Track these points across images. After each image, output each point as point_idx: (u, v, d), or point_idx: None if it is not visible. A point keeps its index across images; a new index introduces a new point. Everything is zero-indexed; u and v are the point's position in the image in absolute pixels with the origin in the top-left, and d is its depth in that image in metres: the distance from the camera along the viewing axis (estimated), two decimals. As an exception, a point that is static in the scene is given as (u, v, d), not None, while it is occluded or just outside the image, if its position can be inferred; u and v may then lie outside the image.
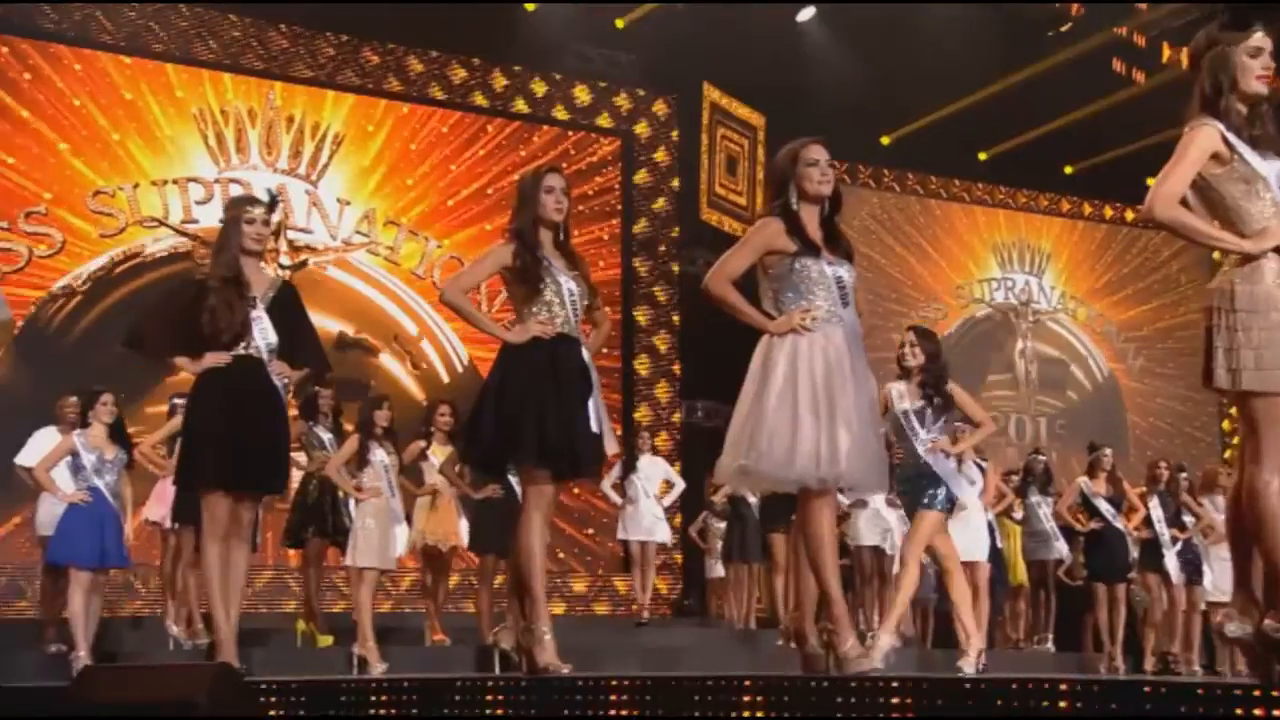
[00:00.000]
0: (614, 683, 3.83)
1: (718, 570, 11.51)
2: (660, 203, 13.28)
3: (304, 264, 11.91)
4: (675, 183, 13.34)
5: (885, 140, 14.15)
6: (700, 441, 12.70)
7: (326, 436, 7.73)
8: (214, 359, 4.53)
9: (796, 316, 3.91)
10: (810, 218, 4.06)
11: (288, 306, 4.72)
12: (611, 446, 4.34)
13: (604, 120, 13.29)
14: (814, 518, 3.85)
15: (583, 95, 13.18)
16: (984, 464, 8.47)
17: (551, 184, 4.33)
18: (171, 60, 11.52)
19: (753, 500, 10.48)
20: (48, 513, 7.51)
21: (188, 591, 7.69)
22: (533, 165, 4.43)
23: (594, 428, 4.21)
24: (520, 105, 12.92)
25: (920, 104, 13.66)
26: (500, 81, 12.85)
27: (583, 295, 4.34)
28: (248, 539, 4.64)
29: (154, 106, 11.42)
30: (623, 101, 13.34)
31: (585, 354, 4.33)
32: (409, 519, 7.58)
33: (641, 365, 12.99)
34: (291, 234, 11.88)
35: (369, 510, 6.95)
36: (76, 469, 6.76)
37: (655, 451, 9.69)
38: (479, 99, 12.77)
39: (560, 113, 13.10)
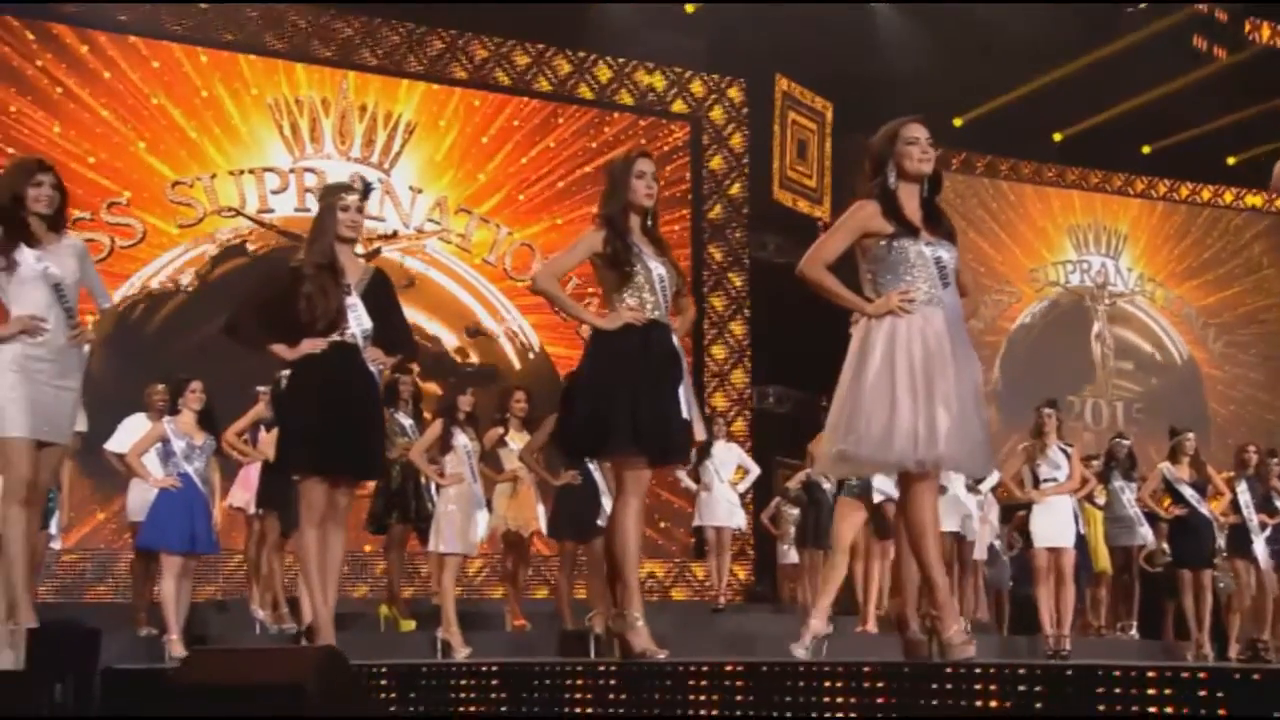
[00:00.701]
0: (703, 669, 3.82)
1: (791, 556, 11.44)
2: (736, 189, 13.20)
3: (377, 252, 11.99)
4: (746, 168, 13.25)
5: (957, 122, 13.94)
6: (772, 427, 12.66)
7: (407, 423, 7.78)
8: (310, 346, 4.55)
9: (894, 299, 3.84)
10: (909, 198, 3.99)
11: (381, 293, 4.73)
12: (700, 432, 4.30)
13: (674, 106, 13.24)
14: (915, 502, 3.79)
15: (653, 81, 13.14)
16: (1069, 449, 8.33)
17: (642, 169, 4.30)
18: (245, 51, 11.65)
19: (827, 485, 10.43)
20: (138, 498, 7.64)
21: (273, 576, 7.78)
22: (623, 150, 4.37)
23: (684, 413, 4.18)
24: (587, 92, 12.90)
25: (992, 85, 13.45)
26: (565, 68, 12.83)
27: (672, 281, 4.30)
28: (344, 524, 4.67)
29: (230, 98, 11.55)
30: (694, 87, 13.28)
31: (675, 340, 4.29)
32: (489, 505, 7.61)
33: (718, 351, 12.95)
34: (366, 222, 11.96)
35: (452, 496, 6.98)
36: (167, 455, 6.85)
37: (730, 437, 9.63)
38: (545, 85, 12.77)
39: (628, 98, 13.07)
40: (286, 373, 7.91)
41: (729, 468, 9.47)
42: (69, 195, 4.60)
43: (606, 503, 7.29)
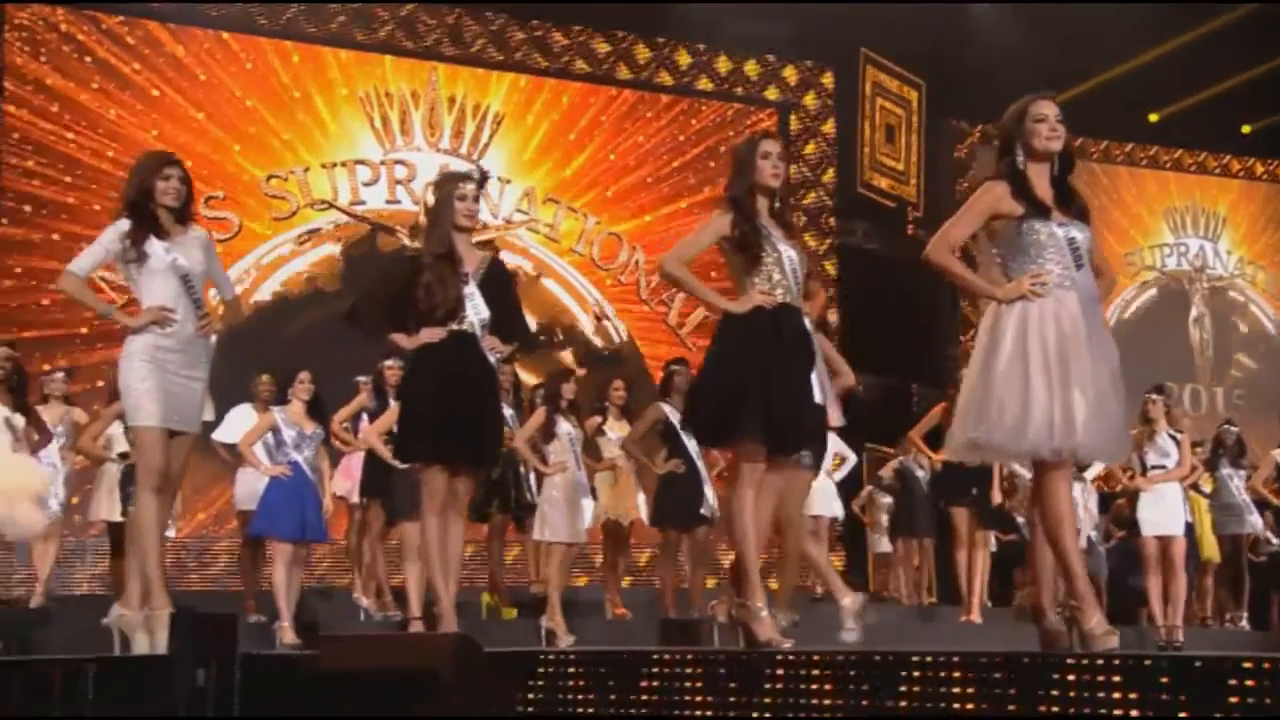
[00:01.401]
0: (817, 658, 3.77)
1: (882, 545, 11.34)
2: (829, 174, 13.07)
3: (488, 243, 12.08)
4: (834, 154, 13.13)
5: (1050, 104, 13.62)
6: (862, 414, 12.49)
7: (508, 412, 7.77)
8: (429, 335, 4.58)
9: (1026, 283, 3.74)
10: (1039, 177, 3.89)
11: (498, 282, 4.75)
12: (835, 418, 4.24)
13: (762, 93, 13.16)
14: (1052, 491, 3.70)
15: (740, 69, 13.07)
16: (1178, 436, 8.14)
17: (768, 149, 4.25)
18: (335, 45, 11.77)
19: (921, 474, 10.30)
20: (246, 487, 7.75)
21: (376, 564, 7.85)
22: (749, 133, 4.32)
23: (817, 398, 4.12)
24: (669, 79, 12.87)
25: (1085, 66, 13.14)
26: (647, 56, 12.79)
27: (802, 263, 4.25)
28: (463, 512, 4.69)
29: (322, 92, 11.69)
30: (782, 74, 13.18)
31: (806, 323, 4.24)
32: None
33: (813, 338, 12.85)
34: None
35: (557, 484, 7.00)
36: (277, 444, 6.94)
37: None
38: (628, 73, 12.74)
39: (710, 85, 13.00)
40: (389, 363, 8.06)
41: (826, 456, 9.35)
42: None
43: (709, 491, 7.27)
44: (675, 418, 7.23)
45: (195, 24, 11.24)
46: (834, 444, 9.47)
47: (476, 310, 4.62)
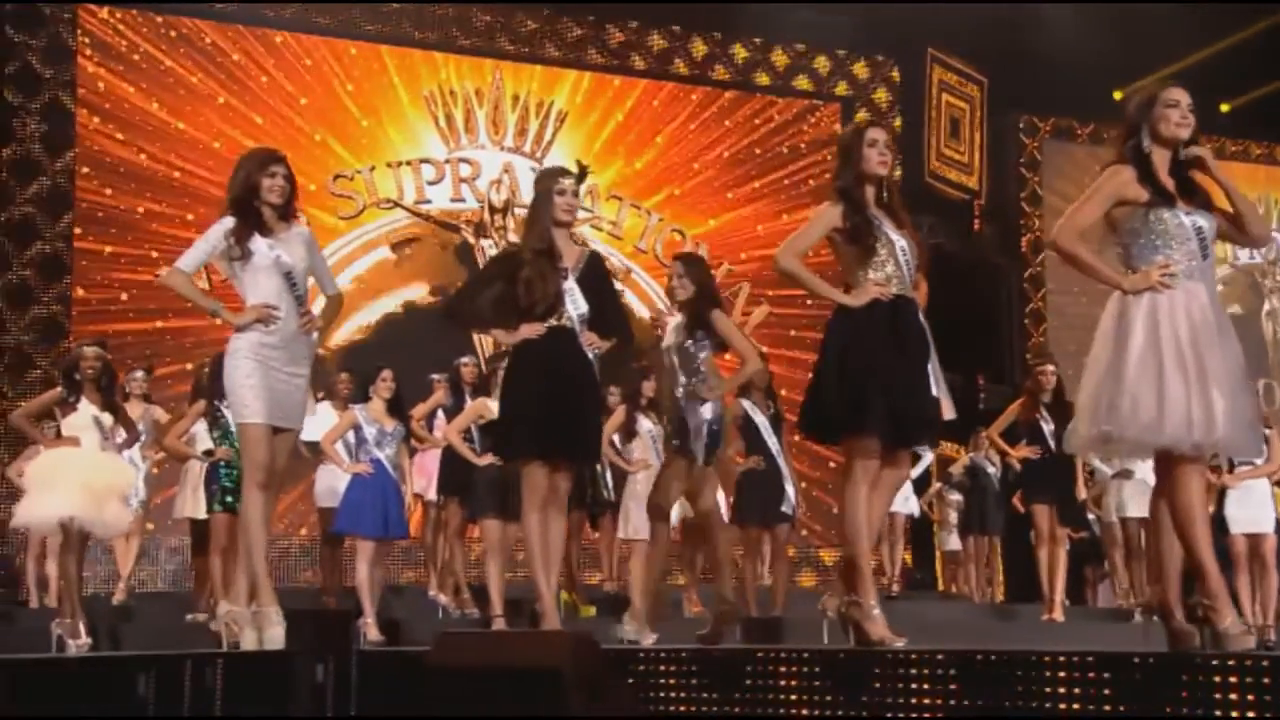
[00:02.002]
0: (914, 656, 3.71)
1: (951, 543, 11.21)
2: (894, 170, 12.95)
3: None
4: (899, 149, 13.01)
5: (1118, 95, 13.43)
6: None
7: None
8: (529, 330, 4.56)
9: (1155, 273, 3.65)
10: (1162, 164, 3.79)
11: (597, 277, 4.72)
12: (949, 411, 4.16)
13: (825, 89, 13.07)
14: (1184, 486, 3.61)
15: (803, 63, 12.99)
16: (1267, 431, 7.96)
17: (874, 137, 4.18)
18: (400, 44, 11.81)
19: (992, 471, 10.17)
20: (326, 485, 7.79)
21: (454, 561, 7.86)
22: (854, 122, 4.27)
23: (934, 391, 4.05)
24: (731, 75, 12.80)
25: (1153, 57, 12.91)
26: (704, 51, 12.73)
27: (913, 253, 4.18)
28: (564, 508, 4.67)
29: (387, 91, 11.75)
30: (844, 69, 13.08)
31: (920, 315, 4.16)
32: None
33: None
34: (519, 211, 12.06)
35: (639, 481, 6.97)
36: (359, 442, 6.97)
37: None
38: (689, 69, 12.69)
39: (775, 81, 12.94)
40: (465, 360, 8.07)
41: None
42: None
43: (790, 488, 7.21)
44: (755, 414, 7.18)
45: (255, 24, 11.32)
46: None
47: (575, 305, 4.59)
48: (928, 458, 9.47)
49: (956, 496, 10.95)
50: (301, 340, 4.57)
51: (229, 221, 4.58)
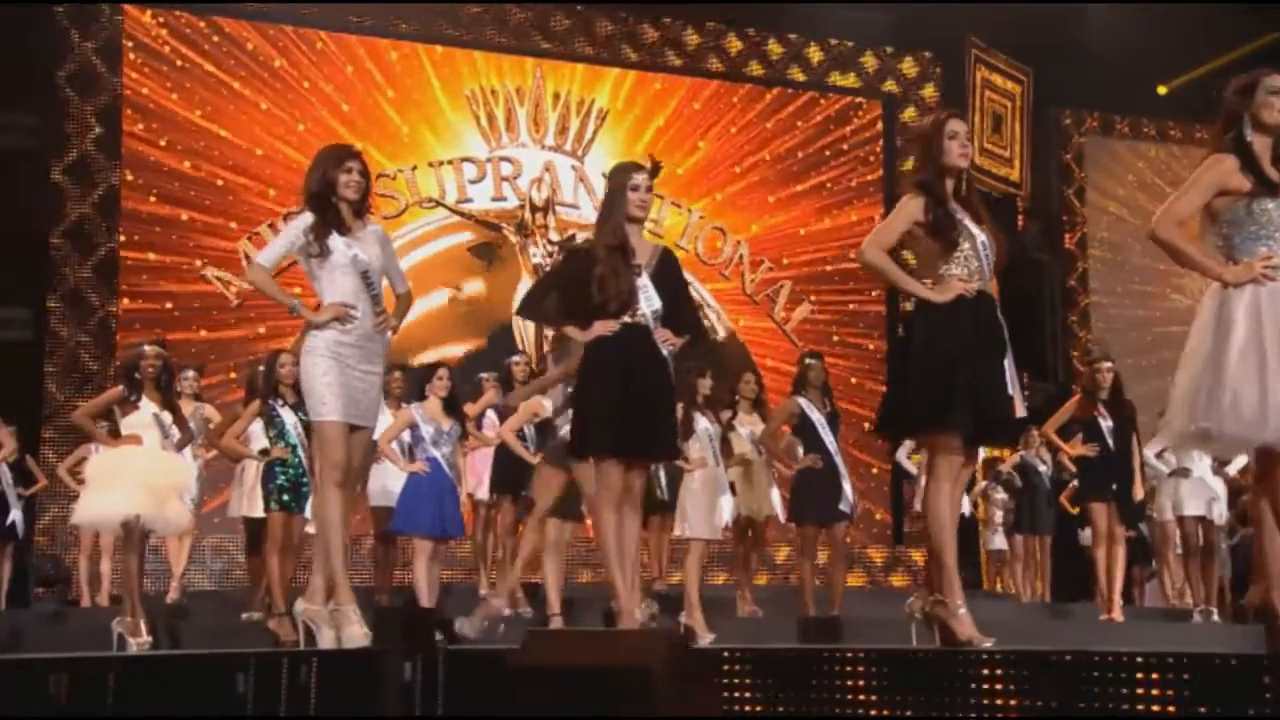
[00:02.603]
0: (994, 656, 3.67)
1: (996, 542, 11.14)
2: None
3: (572, 239, 12.07)
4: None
5: (1162, 90, 13.34)
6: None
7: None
8: (602, 327, 4.53)
9: (1258, 265, 3.60)
10: (1264, 152, 3.73)
11: (670, 273, 4.69)
12: (1021, 409, 4.12)
13: (866, 84, 13.02)
14: (1287, 481, 3.55)
15: (845, 59, 12.94)
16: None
17: (955, 129, 4.14)
18: (439, 44, 11.83)
19: (1043, 469, 10.10)
20: (378, 484, 7.80)
21: (508, 561, 7.84)
22: (933, 115, 4.20)
23: (1009, 389, 4.02)
24: (760, 69, 12.76)
25: (1199, 49, 12.80)
26: (739, 47, 12.68)
27: (992, 248, 4.14)
28: (639, 506, 4.65)
29: (428, 90, 11.76)
30: (882, 64, 13.03)
31: (998, 313, 4.13)
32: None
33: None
34: (560, 209, 12.07)
35: (696, 480, 6.94)
36: (415, 441, 6.97)
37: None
38: (726, 66, 12.65)
39: (816, 79, 12.89)
40: (516, 359, 8.07)
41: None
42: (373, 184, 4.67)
43: (848, 486, 7.17)
44: (812, 412, 7.15)
45: (292, 23, 11.36)
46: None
47: (649, 302, 4.57)
48: (980, 453, 9.36)
49: (1002, 495, 10.88)
50: (377, 339, 4.56)
51: (308, 217, 4.58)
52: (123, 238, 10.56)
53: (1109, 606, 7.70)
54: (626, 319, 4.55)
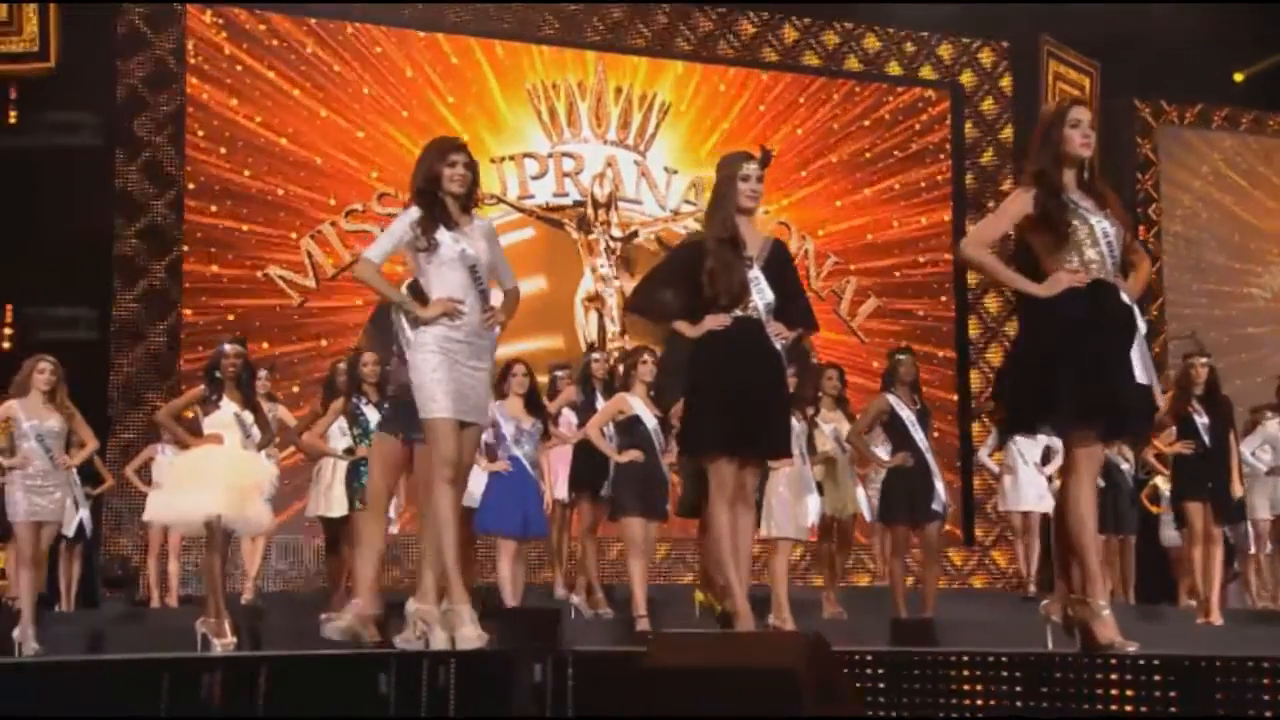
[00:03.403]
0: (1139, 662, 3.59)
1: (1073, 542, 11.01)
2: (987, 155, 12.76)
3: (634, 235, 12.04)
4: (1006, 134, 12.81)
5: (1238, 78, 13.13)
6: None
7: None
8: (713, 322, 4.49)
9: None
10: None
11: (782, 265, 4.64)
12: (1159, 398, 4.03)
13: (931, 74, 12.90)
14: None
15: (909, 50, 12.84)
16: None
17: (1078, 117, 4.06)
18: (499, 39, 11.82)
19: (1126, 467, 9.95)
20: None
21: (586, 560, 7.81)
22: (1055, 102, 4.13)
23: (1140, 378, 3.92)
24: (814, 59, 12.67)
25: (1268, 40, 12.60)
26: (794, 36, 12.59)
27: (1118, 236, 4.05)
28: (753, 504, 4.60)
29: (488, 86, 11.76)
30: (951, 53, 12.90)
31: (1126, 298, 4.04)
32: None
33: (972, 327, 12.56)
34: (622, 205, 12.03)
35: (782, 478, 6.88)
36: (497, 440, 6.95)
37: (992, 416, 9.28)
38: (773, 55, 12.56)
39: (868, 68, 12.80)
40: (595, 355, 8.03)
41: (1035, 448, 9.11)
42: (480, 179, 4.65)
43: (940, 485, 7.08)
44: (901, 409, 7.07)
45: (355, 19, 11.39)
46: (1045, 437, 9.23)
47: (762, 295, 4.52)
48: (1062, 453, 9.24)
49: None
50: (485, 334, 4.54)
51: (415, 212, 4.57)
52: (185, 248, 10.62)
53: (1206, 609, 7.57)
54: (738, 312, 4.50)
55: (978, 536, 12.04)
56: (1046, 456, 9.07)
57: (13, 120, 10.13)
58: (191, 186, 10.72)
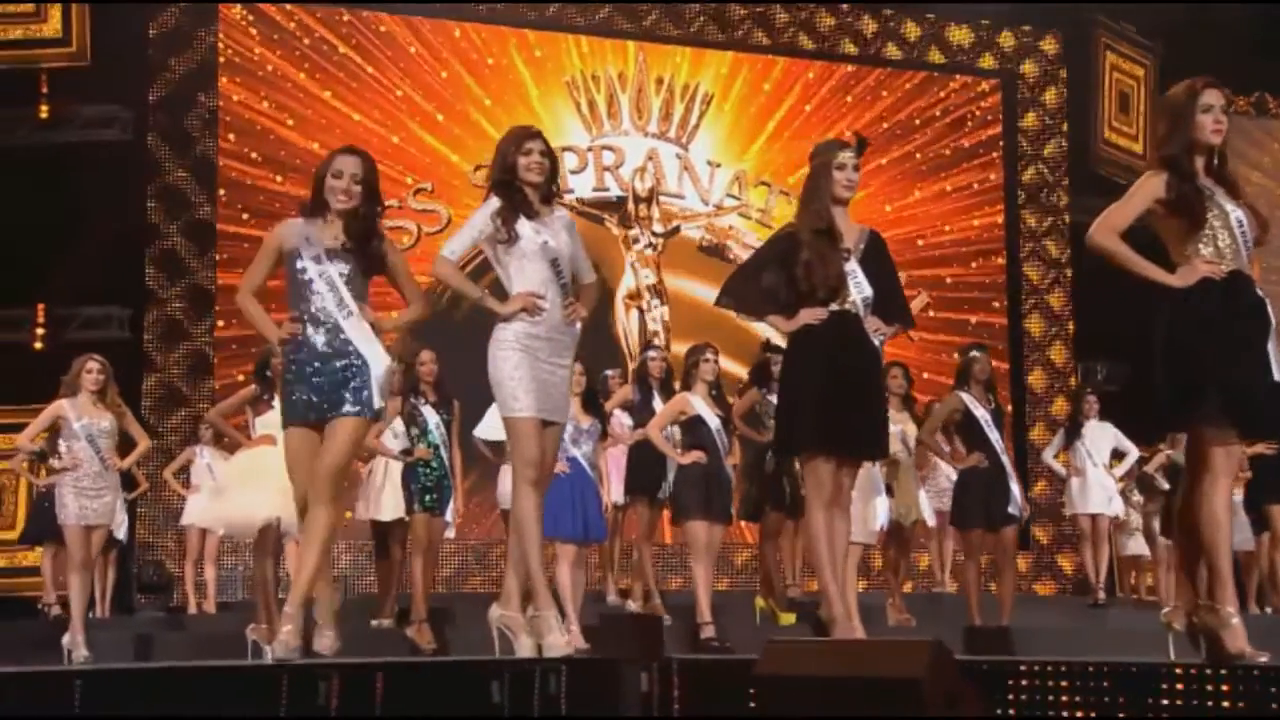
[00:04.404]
0: (1270, 674, 3.49)
1: (1132, 546, 10.86)
2: (1050, 148, 12.63)
3: (676, 230, 11.96)
4: (1064, 125, 12.70)
5: (1300, 66, 12.97)
6: (1101, 406, 12.05)
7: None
8: (809, 316, 4.40)
9: None
10: None
11: (879, 257, 4.55)
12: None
13: (984, 62, 12.79)
14: None
15: (960, 37, 12.72)
16: None
17: (1209, 101, 3.95)
18: (539, 28, 11.76)
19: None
20: (508, 486, 7.69)
21: (644, 565, 7.72)
22: (1184, 82, 4.01)
23: (1277, 375, 3.81)
24: (850, 48, 12.56)
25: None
26: (831, 23, 12.48)
27: (1251, 225, 3.95)
28: (849, 506, 4.51)
29: (526, 78, 11.70)
30: (1004, 40, 12.78)
31: (1259, 291, 3.93)
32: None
33: (1033, 325, 12.43)
34: (664, 199, 11.96)
35: (859, 480, 6.77)
36: (556, 440, 6.86)
37: (1102, 416, 9.12)
38: (809, 44, 12.45)
39: (936, 55, 12.71)
40: (652, 353, 7.95)
41: (1104, 450, 8.99)
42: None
43: (1015, 487, 6.97)
44: (975, 408, 6.96)
45: (400, 13, 11.35)
46: (1113, 437, 9.13)
47: (859, 288, 4.43)
48: (1133, 456, 9.14)
49: (1138, 497, 10.62)
50: (566, 330, 4.45)
51: (494, 203, 4.49)
52: (221, 256, 10.58)
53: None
54: (835, 307, 4.41)
55: (1039, 539, 11.93)
56: (1115, 457, 8.96)
57: (44, 115, 10.11)
58: (222, 193, 10.67)
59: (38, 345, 9.97)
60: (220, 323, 10.52)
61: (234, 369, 10.27)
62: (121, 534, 8.58)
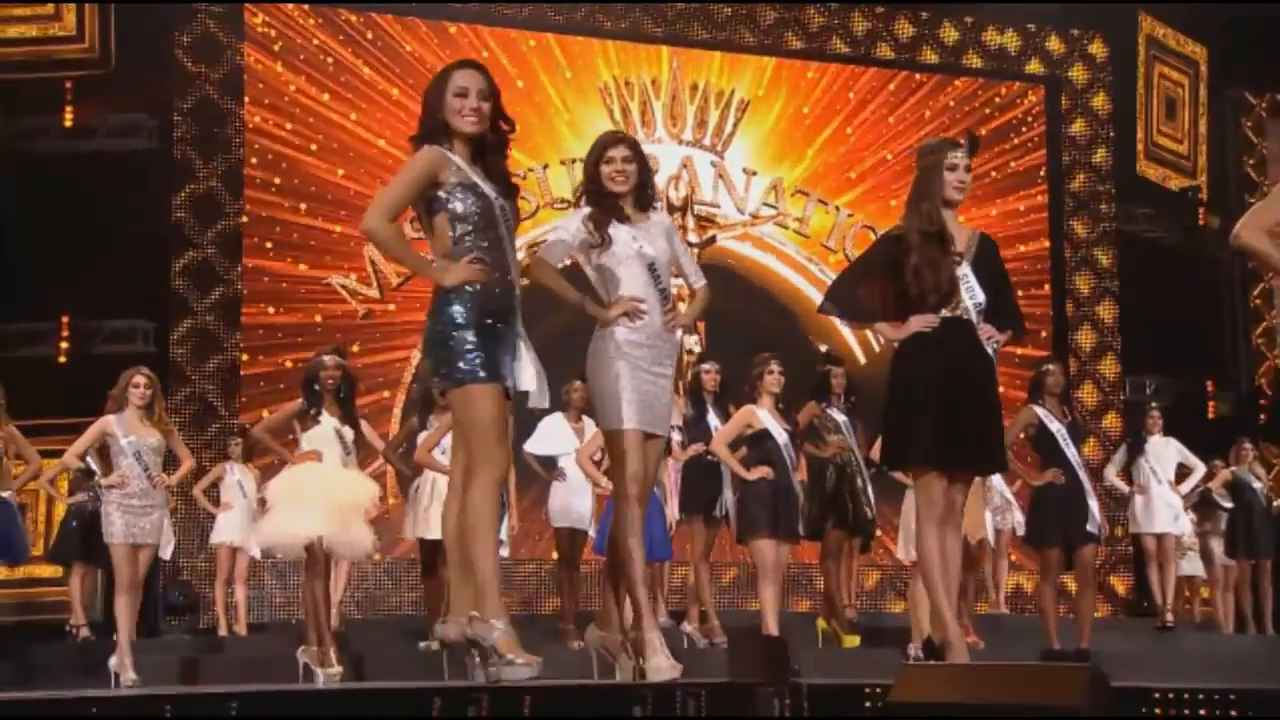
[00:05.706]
0: None
1: (1184, 566, 10.74)
2: (1100, 154, 12.52)
3: (712, 240, 11.86)
4: (1109, 133, 12.61)
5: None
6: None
7: (841, 418, 7.48)
8: (919, 323, 4.29)
9: None
10: None
11: (991, 262, 4.44)
12: None
13: (1028, 67, 12.71)
14: None
15: (1003, 40, 12.64)
16: None
17: None
18: (570, 33, 11.67)
19: (1258, 486, 9.71)
20: (561, 503, 7.60)
21: (701, 585, 7.61)
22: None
23: None
24: (916, 56, 12.46)
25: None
26: (865, 26, 12.38)
27: None
28: (960, 524, 4.39)
29: (560, 84, 11.60)
30: (1049, 45, 12.70)
31: None
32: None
33: (1084, 338, 12.30)
34: (699, 208, 11.86)
35: (911, 500, 6.67)
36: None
37: (1165, 431, 9.01)
38: (844, 47, 12.33)
39: (976, 60, 12.60)
40: (706, 366, 7.83)
41: (1168, 466, 8.88)
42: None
43: (1094, 504, 6.85)
44: (1051, 422, 6.84)
45: (429, 17, 11.26)
46: (1178, 453, 9.02)
47: (972, 294, 4.32)
48: (1199, 471, 9.03)
49: (1192, 516, 10.51)
50: (668, 338, 4.34)
51: (586, 208, 4.39)
52: (248, 263, 10.50)
53: None
54: (946, 313, 4.30)
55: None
56: (1179, 475, 8.86)
57: (69, 123, 10.01)
58: (246, 213, 10.56)
59: (61, 360, 9.84)
60: (244, 356, 10.42)
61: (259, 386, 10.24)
62: (167, 553, 8.44)
